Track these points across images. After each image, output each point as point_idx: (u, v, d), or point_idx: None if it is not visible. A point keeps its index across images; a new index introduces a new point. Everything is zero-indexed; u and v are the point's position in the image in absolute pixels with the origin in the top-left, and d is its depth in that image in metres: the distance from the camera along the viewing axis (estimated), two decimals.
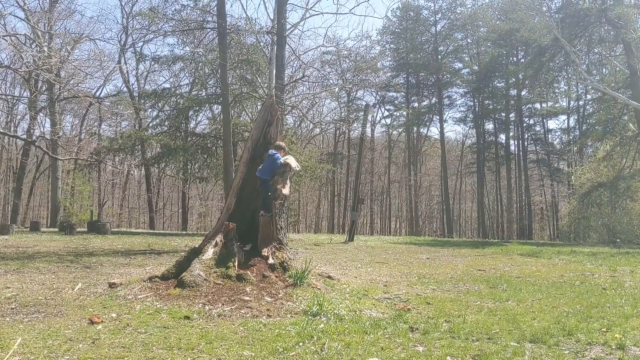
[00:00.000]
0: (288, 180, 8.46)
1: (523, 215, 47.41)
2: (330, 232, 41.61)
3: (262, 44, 23.99)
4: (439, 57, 49.57)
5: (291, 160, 8.37)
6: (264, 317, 6.13)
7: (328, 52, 36.68)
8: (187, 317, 5.99)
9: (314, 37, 64.79)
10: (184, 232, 30.67)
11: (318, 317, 6.15)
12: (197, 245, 8.26)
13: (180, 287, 7.10)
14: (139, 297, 6.99)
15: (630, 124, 28.55)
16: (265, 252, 8.07)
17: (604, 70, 36.57)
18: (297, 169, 8.75)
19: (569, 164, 44.15)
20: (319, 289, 7.50)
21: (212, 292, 6.96)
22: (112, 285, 7.69)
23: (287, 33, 18.21)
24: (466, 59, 50.74)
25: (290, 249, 9.09)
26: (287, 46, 18.80)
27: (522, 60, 46.81)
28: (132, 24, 33.82)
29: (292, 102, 21.55)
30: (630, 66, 25.78)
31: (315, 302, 6.52)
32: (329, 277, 8.58)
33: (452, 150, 56.99)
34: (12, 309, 6.43)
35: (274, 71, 19.46)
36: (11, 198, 37.81)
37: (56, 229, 24.11)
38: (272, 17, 21.55)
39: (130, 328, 5.52)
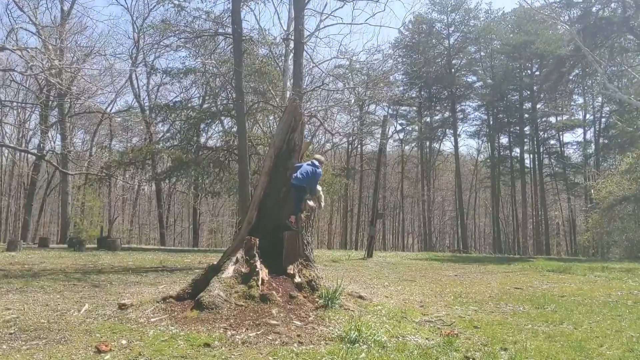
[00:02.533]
0: (322, 193, 7.95)
1: (540, 231, 46.22)
2: (343, 248, 40.70)
3: (274, 54, 23.46)
4: (452, 70, 48.91)
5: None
6: (295, 345, 5.36)
7: (341, 66, 36.17)
8: (207, 345, 5.25)
9: (329, 45, 65.04)
10: (195, 249, 29.95)
11: (357, 344, 5.35)
12: (215, 262, 7.51)
13: (197, 309, 6.36)
14: (152, 320, 6.25)
15: None
16: (291, 269, 7.28)
17: (624, 80, 35.88)
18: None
19: (585, 178, 43.02)
20: (352, 310, 6.71)
21: (233, 315, 6.20)
22: (122, 307, 6.95)
23: (304, 40, 17.63)
24: (480, 72, 49.95)
25: (318, 266, 8.31)
26: (304, 53, 18.18)
27: (537, 73, 46.01)
28: (143, 38, 33.41)
29: (311, 111, 20.96)
30: None
31: (353, 327, 5.71)
32: (360, 297, 7.77)
33: (465, 164, 56.01)
34: (11, 334, 5.72)
35: (289, 81, 18.91)
36: (22, 214, 37.34)
37: (65, 245, 23.49)
38: (285, 28, 21.13)
39: (143, 358, 4.80)
